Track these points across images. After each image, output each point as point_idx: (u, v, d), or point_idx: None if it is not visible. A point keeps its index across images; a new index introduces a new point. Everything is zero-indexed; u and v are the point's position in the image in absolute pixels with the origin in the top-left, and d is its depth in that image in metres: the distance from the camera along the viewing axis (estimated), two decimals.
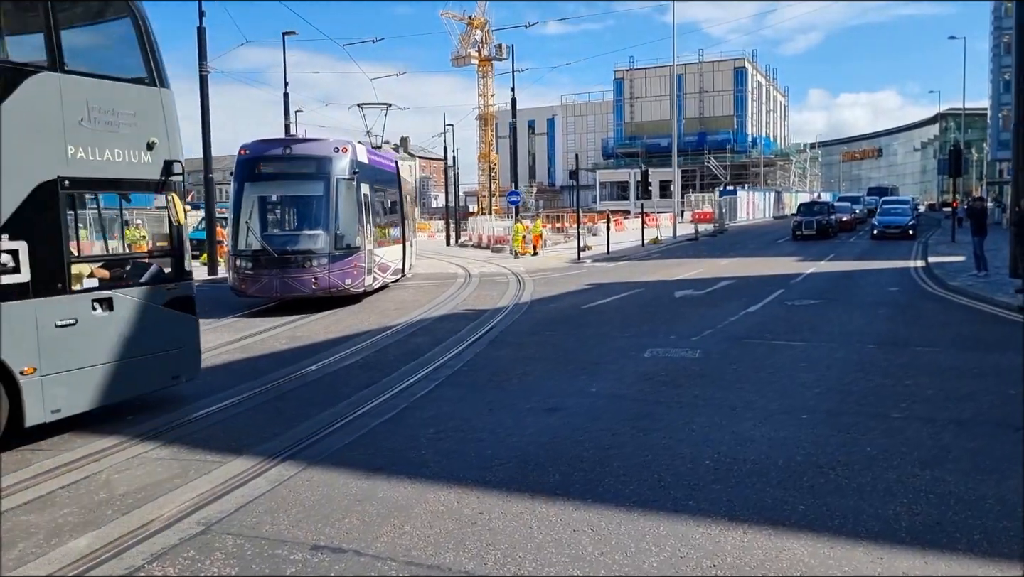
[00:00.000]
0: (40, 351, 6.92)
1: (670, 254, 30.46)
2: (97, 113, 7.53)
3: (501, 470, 5.93)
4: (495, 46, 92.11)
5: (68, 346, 7.19)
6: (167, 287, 8.28)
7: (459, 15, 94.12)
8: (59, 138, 7.18)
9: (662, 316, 13.90)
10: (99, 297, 7.51)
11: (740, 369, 9.23)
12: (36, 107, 7.01)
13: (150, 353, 8.02)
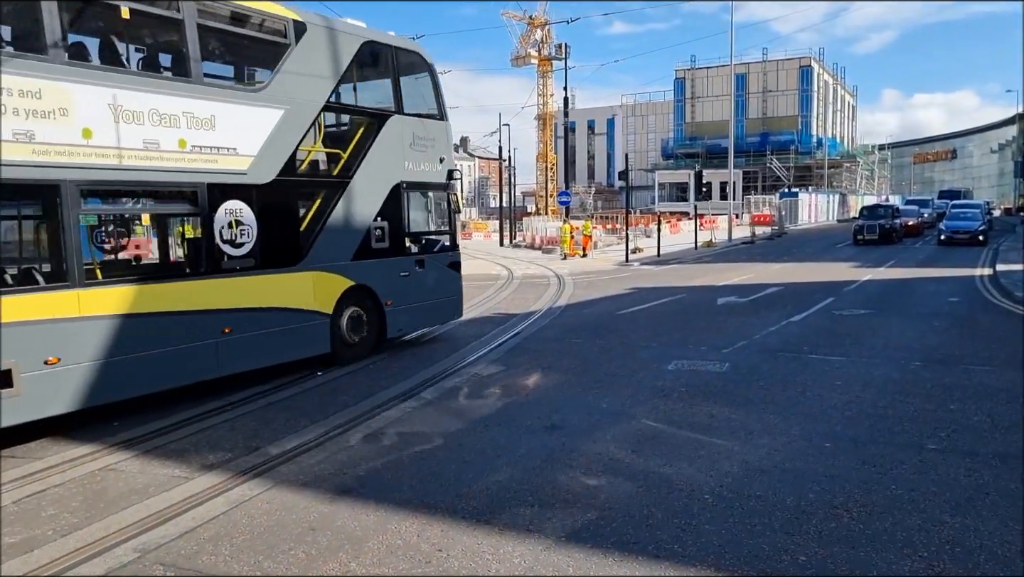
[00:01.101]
0: (394, 292, 10.92)
1: (722, 258, 29.45)
2: (418, 140, 11.33)
3: (476, 498, 5.40)
4: (555, 45, 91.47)
5: (405, 289, 11.14)
6: (448, 254, 12.20)
7: (520, 15, 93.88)
8: (402, 156, 11.07)
9: (697, 324, 13.16)
10: (418, 259, 11.44)
11: (767, 386, 8.51)
12: (392, 137, 10.87)
13: (442, 298, 12.00)
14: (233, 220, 8.72)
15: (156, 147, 7.97)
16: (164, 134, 8.03)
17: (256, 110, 9.08)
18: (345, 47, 10.27)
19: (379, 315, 10.76)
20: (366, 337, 10.60)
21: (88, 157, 7.37)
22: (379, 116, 10.82)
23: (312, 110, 9.73)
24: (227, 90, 9.32)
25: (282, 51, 9.44)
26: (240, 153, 8.80)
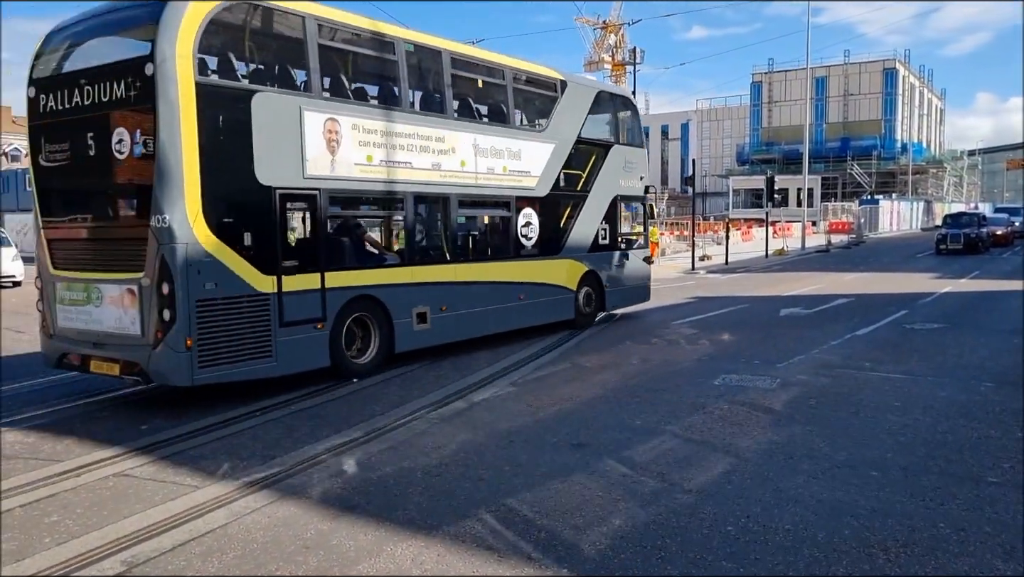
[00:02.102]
0: (610, 277, 14.30)
1: (793, 267, 28.44)
2: (627, 163, 14.67)
3: (484, 520, 5.10)
4: (629, 50, 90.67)
5: (616, 275, 14.49)
6: (643, 250, 15.48)
7: (593, 20, 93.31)
8: (618, 176, 14.37)
9: (754, 336, 12.58)
10: (625, 253, 14.68)
11: (816, 406, 7.96)
12: (613, 162, 14.23)
13: (638, 284, 15.29)
14: (527, 221, 12.44)
15: (492, 172, 11.67)
16: (496, 163, 11.72)
17: (540, 145, 12.68)
18: (587, 96, 13.82)
19: (600, 294, 14.09)
20: (592, 311, 14.07)
21: (462, 179, 11.14)
22: (606, 146, 14.30)
23: (569, 143, 13.18)
24: (526, 131, 12.99)
25: (553, 102, 13.06)
26: (531, 175, 12.47)
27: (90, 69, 8.44)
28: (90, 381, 9.61)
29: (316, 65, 9.17)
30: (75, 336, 8.54)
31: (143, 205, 7.92)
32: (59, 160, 8.65)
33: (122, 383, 9.15)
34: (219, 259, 7.99)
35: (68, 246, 8.79)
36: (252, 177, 8.37)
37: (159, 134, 7.63)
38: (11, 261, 24.30)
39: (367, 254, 10.40)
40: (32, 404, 8.60)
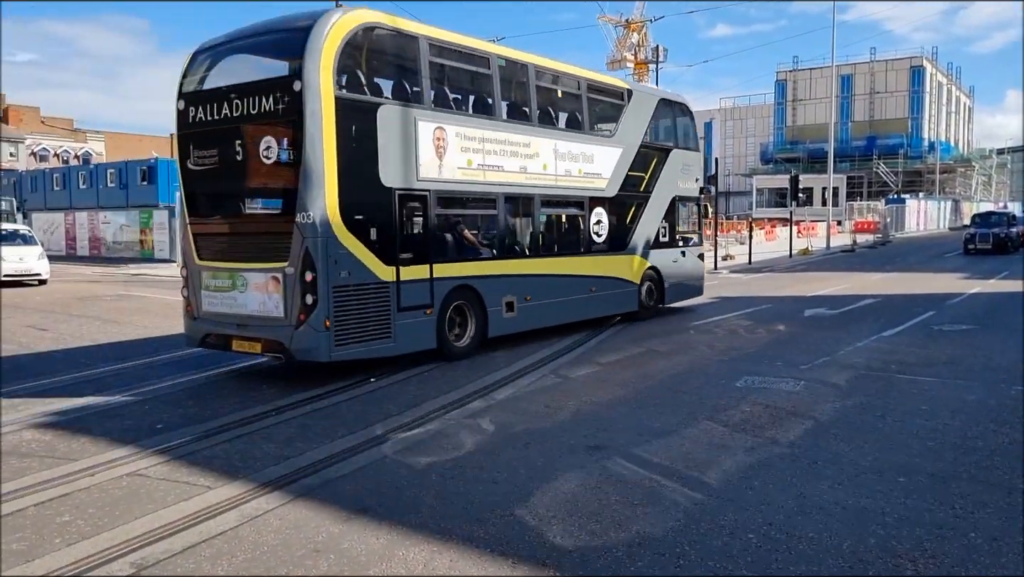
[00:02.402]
0: (670, 273, 15.29)
1: (817, 267, 28.09)
2: (685, 166, 15.65)
3: (496, 524, 4.99)
4: (652, 49, 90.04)
5: (675, 270, 15.45)
6: (698, 248, 16.63)
7: (616, 18, 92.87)
8: (676, 178, 15.33)
9: (778, 338, 12.38)
10: (682, 250, 15.66)
11: (841, 409, 7.78)
12: (672, 164, 15.15)
13: (694, 280, 16.40)
14: (598, 220, 13.43)
15: (569, 174, 12.74)
16: (573, 166, 12.79)
17: (609, 149, 13.74)
18: (650, 103, 14.85)
19: (660, 288, 15.15)
20: (653, 304, 15.06)
21: (544, 180, 12.21)
22: (666, 150, 15.20)
23: (634, 148, 14.21)
24: (598, 137, 13.82)
25: (621, 109, 14.09)
26: (602, 177, 13.52)
27: (240, 85, 9.57)
28: (101, 381, 9.64)
29: (427, 79, 10.41)
30: (219, 318, 9.71)
31: (288, 204, 9.01)
32: (206, 164, 9.86)
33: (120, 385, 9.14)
34: (351, 251, 9.18)
35: (213, 240, 9.97)
36: (377, 179, 9.58)
37: (305, 142, 8.80)
38: (37, 259, 24.57)
39: (466, 248, 11.25)
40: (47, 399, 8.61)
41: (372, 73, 10.14)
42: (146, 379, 9.83)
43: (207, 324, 9.89)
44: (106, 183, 42.62)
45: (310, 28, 9.03)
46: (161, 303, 19.25)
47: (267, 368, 10.47)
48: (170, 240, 37.14)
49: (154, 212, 39.01)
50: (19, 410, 8.28)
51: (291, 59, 9.28)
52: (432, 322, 10.29)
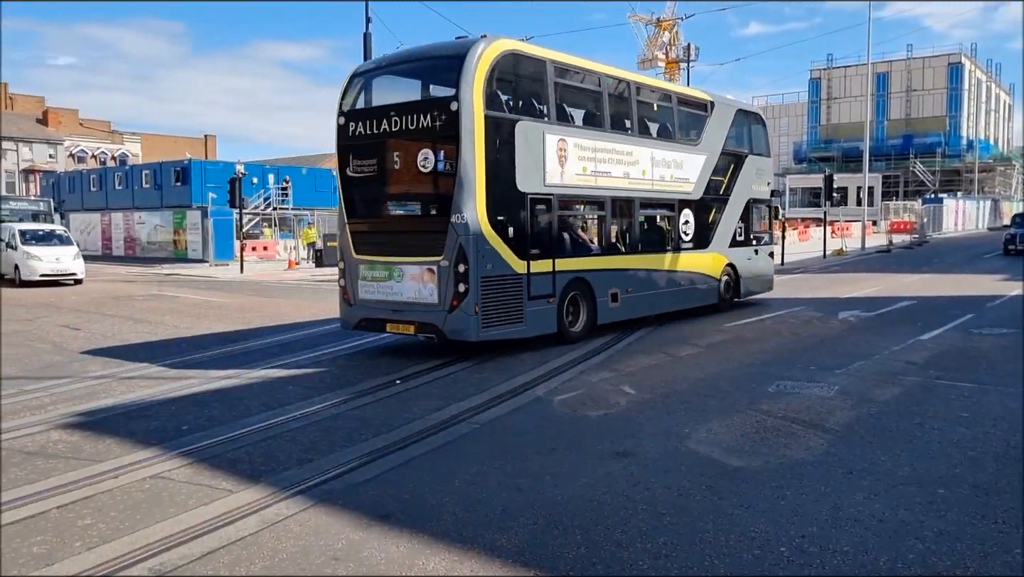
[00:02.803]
0: (745, 269, 16.48)
1: (851, 268, 27.60)
2: (758, 171, 16.90)
3: (519, 532, 4.87)
4: (683, 47, 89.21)
5: (749, 267, 16.61)
6: (769, 246, 17.89)
7: (647, 17, 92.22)
8: (751, 182, 16.50)
9: (811, 341, 12.11)
10: (755, 248, 16.92)
11: (878, 415, 7.54)
12: (747, 169, 16.36)
13: (766, 276, 17.62)
14: (686, 220, 14.74)
15: (663, 179, 14.08)
16: (665, 172, 14.10)
17: (695, 156, 14.97)
18: (729, 114, 16.11)
19: (736, 283, 16.29)
20: (730, 297, 16.17)
21: (642, 185, 13.61)
22: (742, 156, 16.44)
23: (716, 154, 15.48)
24: (686, 145, 14.90)
25: (704, 119, 15.36)
26: (689, 181, 14.79)
27: (400, 104, 11.35)
28: (130, 382, 9.67)
29: (551, 96, 11.81)
30: (374, 305, 11.23)
31: (443, 207, 10.52)
32: (364, 172, 11.47)
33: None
34: (494, 247, 10.65)
35: (370, 237, 11.47)
36: (514, 185, 11.04)
37: (460, 154, 10.32)
38: (73, 259, 24.93)
39: (580, 245, 12.65)
40: (72, 402, 8.66)
41: (510, 93, 11.49)
42: (173, 380, 9.86)
43: (363, 309, 11.44)
44: (141, 184, 43.21)
45: (464, 56, 10.49)
46: (192, 303, 19.42)
47: (290, 373, 10.45)
48: (202, 240, 37.50)
49: (187, 212, 39.42)
50: (47, 410, 8.33)
51: (447, 83, 10.87)
52: (553, 310, 11.64)
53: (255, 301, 19.74)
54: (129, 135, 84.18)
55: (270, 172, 41.91)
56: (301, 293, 22.04)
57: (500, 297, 10.74)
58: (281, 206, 40.69)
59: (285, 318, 16.05)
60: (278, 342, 12.78)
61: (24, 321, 15.84)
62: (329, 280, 26.01)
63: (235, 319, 15.95)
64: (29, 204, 36.33)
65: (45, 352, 12.13)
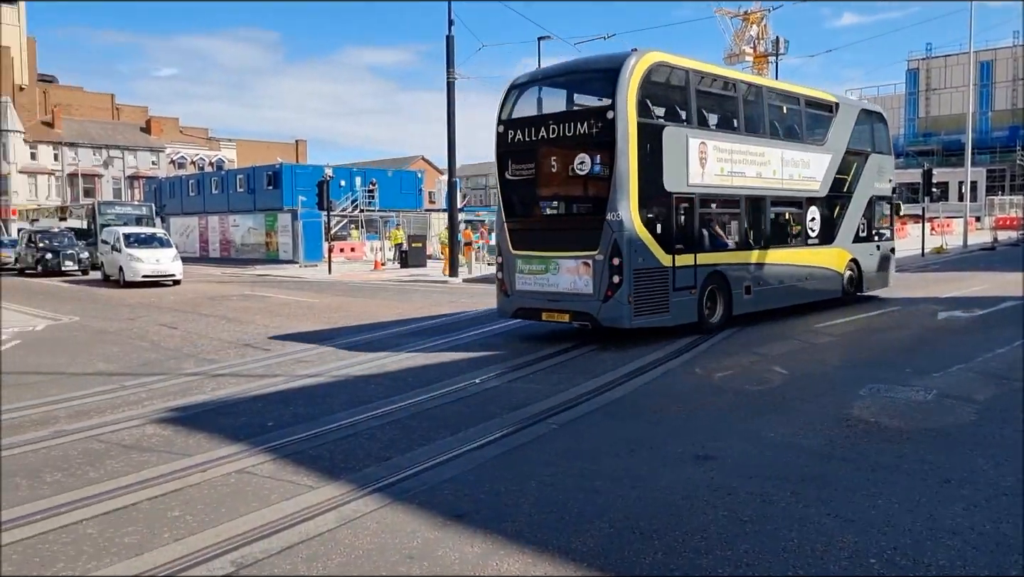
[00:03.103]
0: (866, 264, 16.76)
1: (952, 266, 26.33)
2: (880, 168, 17.25)
3: (595, 536, 4.79)
4: (772, 41, 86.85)
5: (870, 262, 16.91)
6: (890, 242, 17.91)
7: (734, 11, 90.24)
8: (873, 179, 16.85)
9: (907, 343, 11.59)
10: (877, 244, 17.20)
11: (979, 422, 7.13)
12: (870, 167, 16.76)
13: (884, 271, 17.64)
14: (812, 217, 15.23)
15: (791, 178, 14.61)
16: (794, 171, 14.65)
17: (821, 155, 15.44)
18: (852, 113, 16.65)
19: (859, 277, 16.66)
20: (853, 291, 16.55)
21: (773, 184, 14.20)
22: (865, 155, 16.81)
23: (841, 153, 15.92)
24: (813, 144, 15.38)
25: (829, 119, 15.84)
26: (815, 180, 15.28)
27: (557, 113, 12.56)
28: (220, 379, 9.98)
29: (693, 102, 12.63)
30: (531, 295, 12.30)
31: (599, 206, 11.45)
32: (523, 175, 12.57)
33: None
34: (645, 243, 11.50)
35: (527, 234, 12.51)
36: (661, 185, 11.87)
37: (616, 158, 11.21)
38: (171, 261, 26.01)
39: (718, 241, 13.28)
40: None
41: (657, 100, 12.27)
42: (260, 378, 10.15)
43: (519, 299, 12.54)
44: (235, 188, 44.81)
45: (619, 69, 11.39)
46: (282, 303, 19.99)
47: (371, 372, 10.60)
48: (292, 242, 38.60)
49: (278, 215, 40.68)
50: (144, 405, 8.69)
51: (602, 93, 11.89)
52: (695, 301, 12.37)
53: (342, 301, 20.18)
54: (225, 141, 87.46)
55: (357, 175, 42.88)
56: (386, 293, 22.42)
57: (649, 288, 11.58)
58: (368, 208, 41.55)
59: (369, 318, 16.34)
60: (364, 340, 13.01)
61: (127, 320, 16.61)
62: (413, 280, 26.39)
63: (322, 318, 16.33)
64: (133, 209, 38.20)
65: (144, 349, 12.67)
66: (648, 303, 11.55)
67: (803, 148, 15.00)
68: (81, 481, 6.09)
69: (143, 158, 78.30)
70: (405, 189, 45.42)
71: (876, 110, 18.47)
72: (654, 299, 11.66)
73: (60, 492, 5.83)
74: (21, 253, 33.74)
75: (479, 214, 50.87)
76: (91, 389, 9.58)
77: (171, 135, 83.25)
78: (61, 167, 72.87)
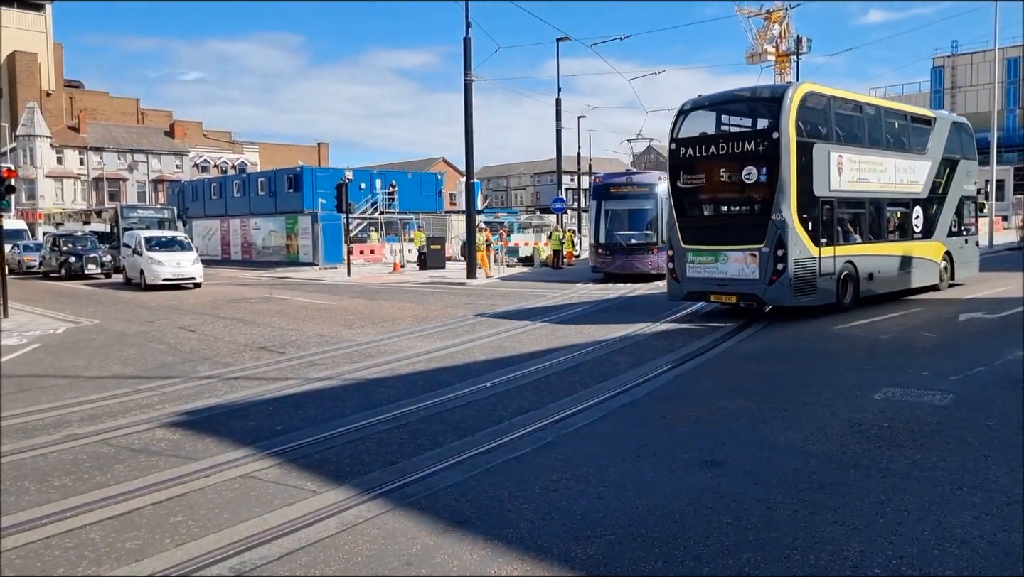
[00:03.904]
0: (958, 255, 19.29)
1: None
2: (967, 172, 19.60)
3: (597, 543, 4.73)
4: (794, 39, 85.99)
5: (960, 255, 19.35)
6: (975, 236, 20.80)
7: (756, 10, 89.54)
8: (963, 181, 19.20)
9: (925, 344, 11.41)
10: (965, 238, 19.75)
11: (996, 427, 6.98)
12: (960, 172, 19.17)
13: (970, 261, 20.19)
14: (917, 215, 17.66)
15: (902, 183, 17.18)
16: (904, 177, 17.23)
17: (923, 163, 17.94)
18: (946, 126, 19.12)
19: (952, 267, 19.04)
20: (946, 279, 18.67)
21: (889, 188, 16.76)
22: (956, 161, 19.16)
23: (937, 160, 18.38)
24: (916, 154, 17.87)
25: (928, 132, 18.37)
26: (919, 184, 17.78)
27: (727, 133, 15.61)
28: (234, 382, 10.00)
29: (832, 122, 15.36)
30: (700, 281, 14.98)
31: (764, 208, 14.08)
32: (693, 184, 15.29)
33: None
34: (801, 237, 14.13)
35: (696, 232, 15.22)
36: (811, 191, 14.45)
37: (780, 170, 13.82)
38: (192, 264, 26.23)
39: (850, 236, 15.90)
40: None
41: (807, 121, 14.56)
42: (273, 381, 10.18)
43: (689, 284, 15.20)
44: (257, 191, 45.10)
45: (782, 97, 14.14)
46: (299, 305, 20.08)
47: (383, 375, 10.59)
48: (312, 244, 38.78)
49: (299, 218, 40.90)
50: (156, 409, 8.75)
51: (767, 116, 14.68)
52: (834, 284, 15.05)
53: (358, 304, 20.23)
54: (248, 145, 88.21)
55: (377, 177, 43.03)
56: (403, 295, 22.45)
57: (804, 274, 14.18)
58: (388, 210, 41.67)
59: (383, 321, 16.36)
60: (371, 343, 13.03)
61: (146, 323, 16.76)
62: (432, 282, 26.38)
63: (338, 321, 16.38)
64: (155, 212, 38.57)
65: (161, 352, 12.77)
66: (803, 286, 14.13)
67: (910, 157, 17.61)
68: (88, 485, 6.12)
69: (167, 162, 79.16)
70: (425, 191, 45.50)
71: (963, 122, 20.49)
72: (807, 283, 14.24)
73: (67, 496, 5.87)
74: (45, 257, 34.21)
75: (499, 216, 50.93)
76: (106, 392, 9.66)
77: (195, 139, 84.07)
78: (87, 171, 73.85)
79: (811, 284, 14.29)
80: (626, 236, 24.63)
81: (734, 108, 16.00)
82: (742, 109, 15.92)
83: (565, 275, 28.70)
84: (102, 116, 79.70)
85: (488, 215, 45.60)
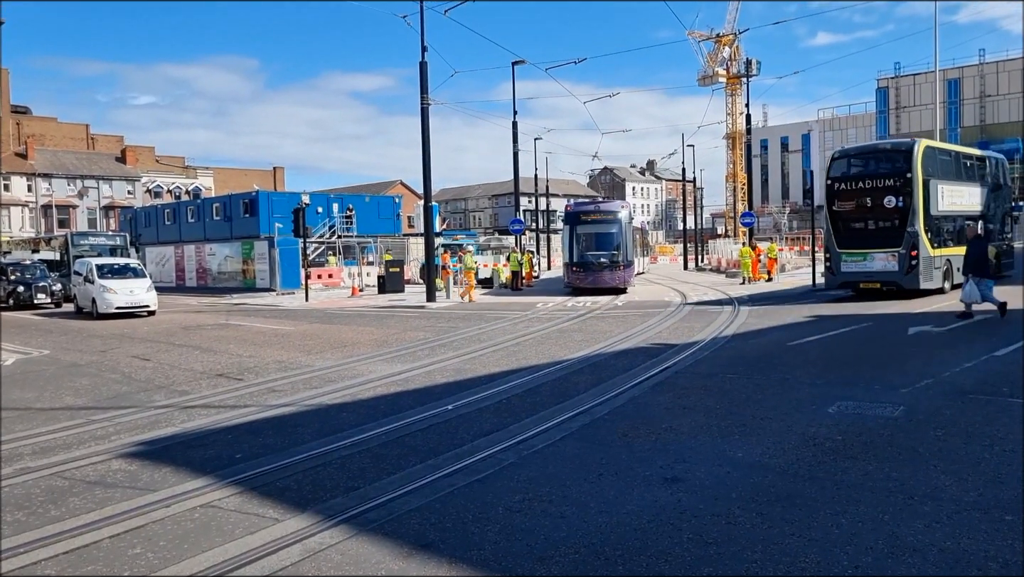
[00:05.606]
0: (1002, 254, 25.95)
1: None
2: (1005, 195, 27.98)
3: (561, 562, 4.77)
4: (744, 62, 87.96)
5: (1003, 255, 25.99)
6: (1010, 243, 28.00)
7: (706, 34, 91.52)
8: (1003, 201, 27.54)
9: (876, 359, 11.68)
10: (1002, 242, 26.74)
11: (944, 437, 7.20)
12: (1000, 193, 27.05)
13: (1009, 258, 26.65)
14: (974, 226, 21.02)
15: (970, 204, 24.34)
16: (972, 200, 24.46)
17: (980, 189, 24.94)
18: (992, 162, 26.37)
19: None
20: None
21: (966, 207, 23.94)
22: (1000, 187, 26.55)
23: (988, 187, 25.35)
24: (969, 182, 24.54)
25: (985, 167, 25.91)
26: (977, 204, 24.61)
27: (872, 174, 22.27)
28: (191, 410, 9.87)
29: (939, 164, 22.60)
30: (851, 274, 22.25)
31: (902, 222, 21.20)
32: (845, 209, 22.40)
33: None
34: (925, 242, 21.10)
35: (846, 238, 22.31)
36: (930, 211, 21.37)
37: (913, 198, 21.09)
38: (146, 292, 25.76)
39: (948, 242, 22.33)
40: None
41: (926, 165, 21.50)
42: (230, 409, 10.06)
43: (842, 276, 22.41)
44: (212, 216, 44.57)
45: (912, 149, 21.61)
46: (257, 331, 19.86)
47: (344, 400, 10.54)
48: (269, 269, 38.39)
49: (255, 243, 40.47)
50: (111, 440, 8.57)
51: (902, 161, 21.65)
52: (941, 275, 21.90)
53: (317, 329, 20.08)
54: (202, 169, 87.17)
55: (334, 201, 42.83)
56: (363, 319, 22.34)
57: (927, 267, 21.16)
58: (346, 234, 41.47)
59: (343, 346, 16.26)
60: (331, 368, 12.95)
61: (99, 353, 16.42)
62: (391, 306, 26.26)
63: (296, 346, 16.24)
64: (107, 239, 37.81)
65: (115, 382, 12.53)
66: (927, 275, 21.18)
67: (974, 185, 24.64)
68: (42, 520, 5.99)
69: (118, 188, 77.87)
70: (383, 214, 45.41)
71: (1001, 158, 28.09)
72: (929, 273, 21.21)
73: (20, 532, 5.73)
74: None
75: (457, 237, 50.95)
76: (59, 424, 9.46)
77: (147, 164, 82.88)
78: (35, 198, 72.29)
79: (931, 274, 21.31)
80: (596, 256, 28.34)
81: (871, 155, 23.35)
82: (880, 156, 22.95)
83: (524, 295, 28.96)
84: (51, 142, 78.22)
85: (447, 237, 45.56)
